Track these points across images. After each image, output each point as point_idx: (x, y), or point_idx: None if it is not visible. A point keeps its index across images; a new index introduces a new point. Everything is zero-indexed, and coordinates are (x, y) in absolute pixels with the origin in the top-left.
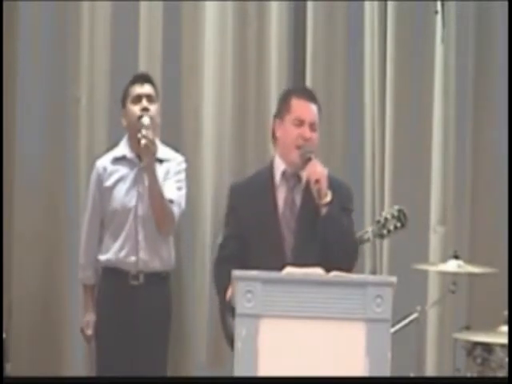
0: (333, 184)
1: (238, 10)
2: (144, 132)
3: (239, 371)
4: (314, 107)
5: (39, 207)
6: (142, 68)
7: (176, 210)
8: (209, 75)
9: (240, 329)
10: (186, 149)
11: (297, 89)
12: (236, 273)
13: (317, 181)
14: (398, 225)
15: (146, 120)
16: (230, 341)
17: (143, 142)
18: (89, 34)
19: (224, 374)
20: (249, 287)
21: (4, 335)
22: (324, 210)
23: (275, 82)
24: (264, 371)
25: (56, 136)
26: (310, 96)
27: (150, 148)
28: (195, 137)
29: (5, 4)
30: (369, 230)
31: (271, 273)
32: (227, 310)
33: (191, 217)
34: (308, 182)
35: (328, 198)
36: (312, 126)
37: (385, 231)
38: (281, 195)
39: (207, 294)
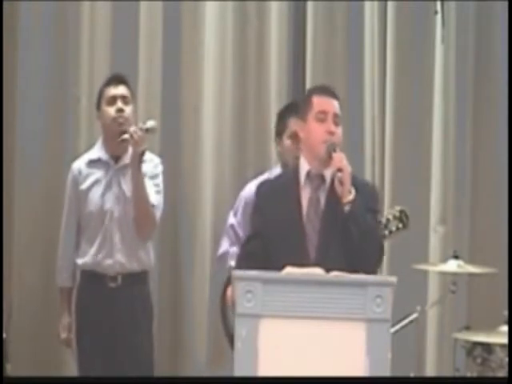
0: (358, 184)
1: (237, 10)
2: (133, 129)
3: (239, 371)
4: (335, 102)
5: (39, 207)
6: (142, 68)
7: (157, 214)
8: (209, 75)
9: (240, 329)
10: (186, 149)
11: (316, 88)
12: (236, 273)
13: (339, 169)
14: (400, 226)
15: (150, 123)
16: (230, 339)
17: (130, 135)
18: (89, 34)
19: (224, 374)
20: (249, 287)
21: (4, 335)
22: (347, 208)
23: (275, 82)
24: (264, 371)
25: (56, 136)
26: (330, 92)
27: (138, 144)
28: (195, 137)
29: (5, 4)
30: None
31: (271, 273)
32: (229, 313)
33: (191, 217)
34: (332, 182)
35: (351, 197)
36: (335, 120)
37: (386, 232)
38: (305, 195)
39: (207, 294)
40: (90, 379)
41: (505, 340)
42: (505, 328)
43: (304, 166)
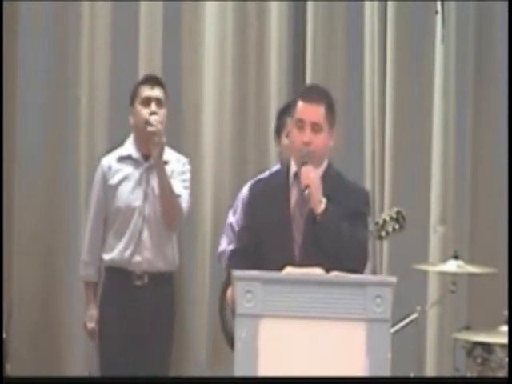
0: (347, 187)
1: (238, 10)
2: (153, 120)
3: (239, 371)
4: (318, 109)
5: (39, 207)
6: (142, 68)
7: (184, 204)
8: (209, 75)
9: (240, 329)
10: (187, 149)
11: (304, 91)
12: (236, 273)
13: (306, 186)
14: (397, 227)
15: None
16: (230, 341)
17: (152, 129)
18: (89, 34)
19: (224, 374)
20: (249, 287)
21: (4, 335)
22: (318, 219)
23: (275, 82)
24: (264, 371)
25: (56, 136)
26: (316, 97)
27: (159, 137)
28: (195, 137)
29: (5, 4)
30: None
31: (271, 273)
32: (227, 310)
33: (191, 217)
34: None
35: (321, 208)
36: (315, 128)
37: (383, 233)
38: (293, 195)
39: (207, 294)
40: (90, 379)
41: (505, 340)
42: (505, 328)
43: (293, 167)
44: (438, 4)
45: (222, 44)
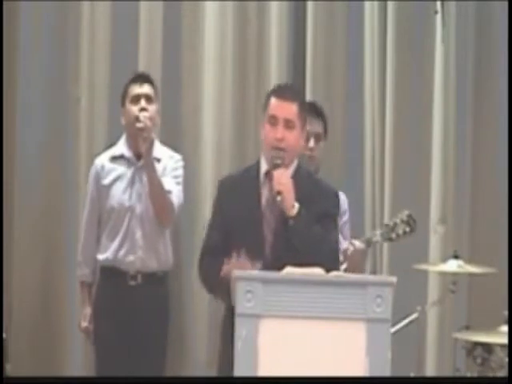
0: (319, 189)
1: (237, 9)
2: (142, 117)
3: (239, 371)
4: (291, 106)
5: (39, 207)
6: (142, 68)
7: (175, 200)
8: (209, 75)
9: (240, 329)
10: (186, 149)
11: (277, 88)
12: (236, 273)
13: (278, 192)
14: (408, 229)
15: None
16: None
17: (140, 125)
18: (89, 34)
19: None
20: (249, 287)
21: (4, 335)
22: (291, 222)
23: (275, 82)
24: (264, 371)
25: (56, 136)
26: (289, 95)
27: (148, 133)
28: (195, 137)
29: (5, 4)
30: (377, 232)
31: (271, 273)
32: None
33: (191, 217)
34: None
35: (293, 212)
36: (288, 125)
37: (393, 235)
38: (264, 194)
39: (207, 294)
40: (90, 379)
41: (505, 340)
42: (505, 328)
43: (263, 165)
44: (438, 4)
45: (221, 44)
